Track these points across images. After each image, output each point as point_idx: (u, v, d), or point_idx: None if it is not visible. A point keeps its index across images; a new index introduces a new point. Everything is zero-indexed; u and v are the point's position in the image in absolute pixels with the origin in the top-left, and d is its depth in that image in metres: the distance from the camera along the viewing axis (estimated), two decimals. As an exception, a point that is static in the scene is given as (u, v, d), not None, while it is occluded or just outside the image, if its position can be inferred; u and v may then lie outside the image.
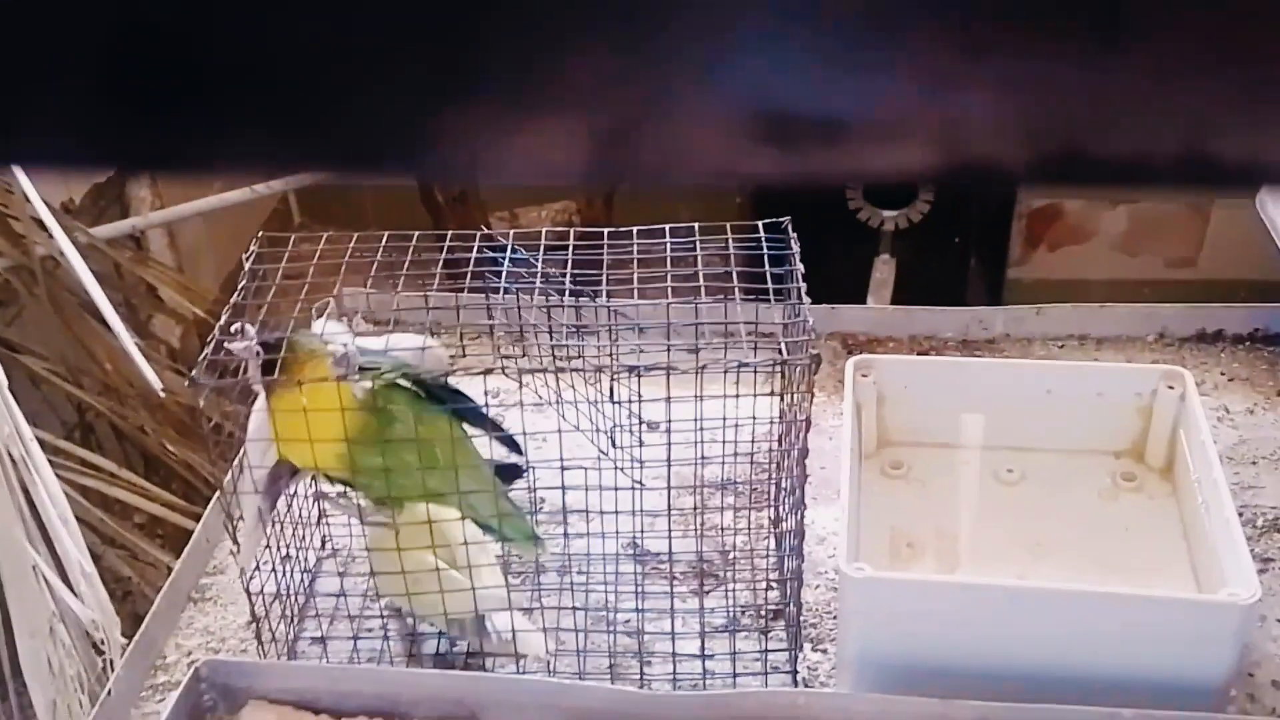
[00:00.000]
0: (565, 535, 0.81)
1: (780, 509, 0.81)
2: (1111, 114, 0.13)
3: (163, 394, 0.78)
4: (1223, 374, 0.98)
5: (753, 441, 0.78)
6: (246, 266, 0.71)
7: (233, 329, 0.64)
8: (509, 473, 0.76)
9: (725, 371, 0.66)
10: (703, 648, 0.76)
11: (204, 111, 0.16)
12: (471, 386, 0.96)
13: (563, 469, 0.71)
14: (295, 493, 0.79)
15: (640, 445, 0.75)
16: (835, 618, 0.79)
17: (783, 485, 0.80)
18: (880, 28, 0.13)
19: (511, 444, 0.75)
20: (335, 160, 0.16)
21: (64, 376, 1.71)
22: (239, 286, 0.70)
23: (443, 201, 2.06)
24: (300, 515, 0.80)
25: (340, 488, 0.73)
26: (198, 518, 0.85)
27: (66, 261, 1.67)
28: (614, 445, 0.77)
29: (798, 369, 0.67)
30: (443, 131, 0.15)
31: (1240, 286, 1.24)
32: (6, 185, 1.62)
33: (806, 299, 0.68)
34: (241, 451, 0.73)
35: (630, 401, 0.72)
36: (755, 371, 0.77)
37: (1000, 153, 0.14)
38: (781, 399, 0.77)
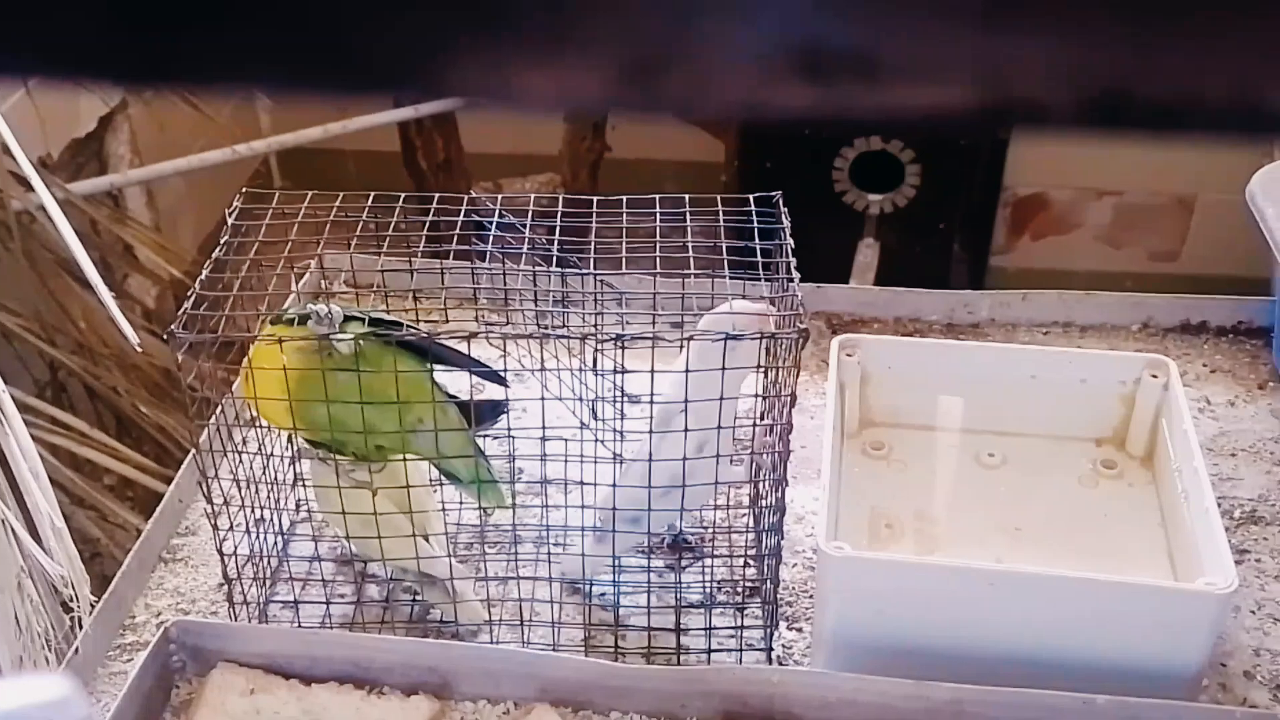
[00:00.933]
0: (544, 506, 0.81)
1: (760, 486, 0.81)
2: (1162, 52, 0.13)
3: (139, 350, 0.77)
4: (1205, 365, 0.98)
5: (735, 417, 0.78)
6: (229, 222, 0.70)
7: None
8: (490, 411, 0.76)
9: (710, 344, 0.65)
10: (678, 622, 0.75)
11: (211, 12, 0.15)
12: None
13: (544, 439, 0.70)
14: (270, 454, 0.78)
15: (621, 417, 0.74)
16: (812, 596, 0.79)
17: (760, 466, 0.79)
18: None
19: (495, 378, 0.74)
20: (356, 78, 0.15)
21: (37, 334, 1.69)
22: (221, 243, 0.69)
23: (426, 168, 2.04)
24: (275, 477, 0.79)
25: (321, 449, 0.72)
26: (169, 480, 0.84)
27: (43, 217, 1.65)
28: (595, 417, 0.77)
29: (784, 344, 0.66)
30: (468, 51, 0.15)
31: (1223, 281, 1.24)
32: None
33: (796, 274, 0.67)
34: (218, 409, 0.72)
35: (613, 373, 0.72)
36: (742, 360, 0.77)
37: (1045, 94, 0.14)
38: (766, 375, 0.77)
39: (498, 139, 2.19)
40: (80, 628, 0.66)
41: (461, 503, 0.81)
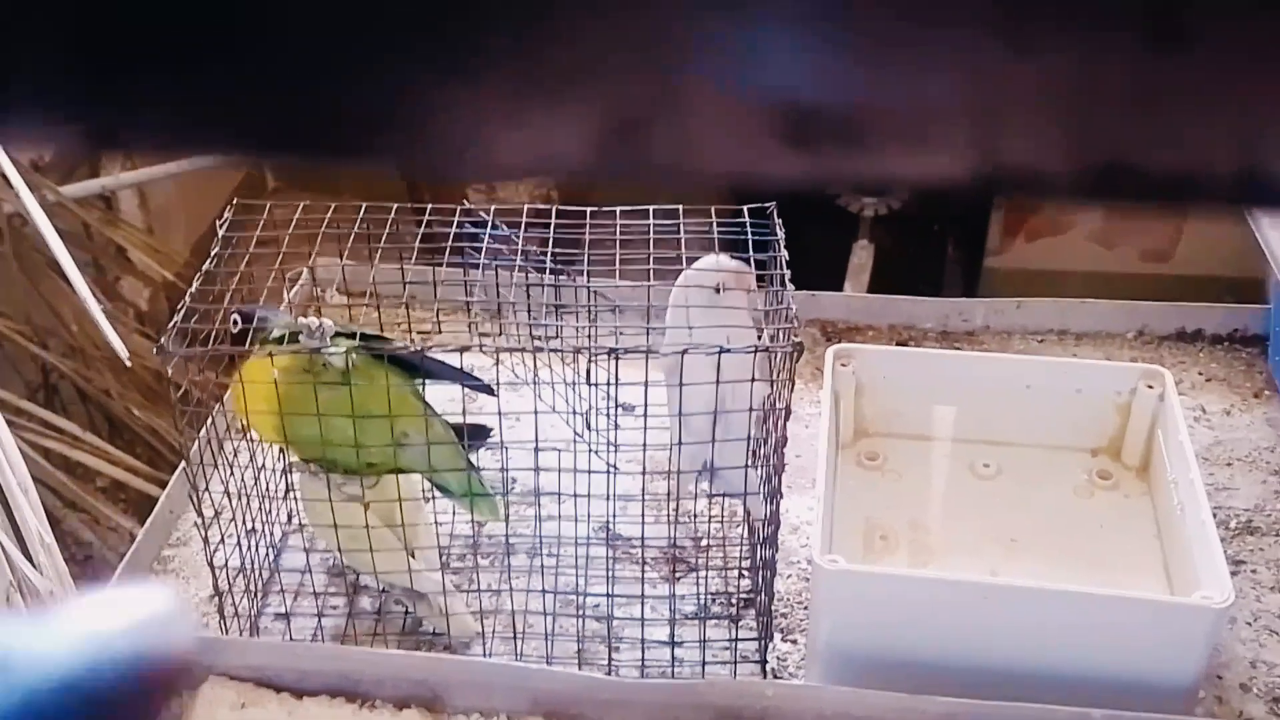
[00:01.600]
0: (537, 517, 0.80)
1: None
2: (1163, 122, 0.12)
3: (128, 362, 0.76)
4: (1200, 374, 0.97)
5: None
6: (220, 233, 0.69)
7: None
8: (476, 434, 0.75)
9: (705, 357, 0.65)
10: (672, 635, 0.75)
11: (169, 79, 0.14)
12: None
13: (536, 450, 0.70)
14: (262, 466, 0.78)
15: (615, 428, 0.74)
16: (806, 608, 0.78)
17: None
18: (915, 19, 0.12)
19: (486, 390, 0.74)
20: (309, 144, 0.15)
21: (29, 336, 1.68)
22: (212, 254, 0.68)
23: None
24: (266, 489, 0.78)
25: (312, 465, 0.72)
26: (162, 484, 0.83)
27: (33, 220, 1.64)
28: (589, 428, 0.76)
29: (779, 356, 0.66)
30: (434, 117, 0.14)
31: (1215, 283, 1.23)
32: (-27, 140, 1.59)
33: (790, 285, 0.67)
34: (209, 421, 0.71)
35: (607, 384, 0.71)
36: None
37: (1042, 162, 0.13)
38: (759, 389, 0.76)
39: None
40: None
41: (454, 514, 0.80)
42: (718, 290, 0.70)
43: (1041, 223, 2.33)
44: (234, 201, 0.71)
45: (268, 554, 0.79)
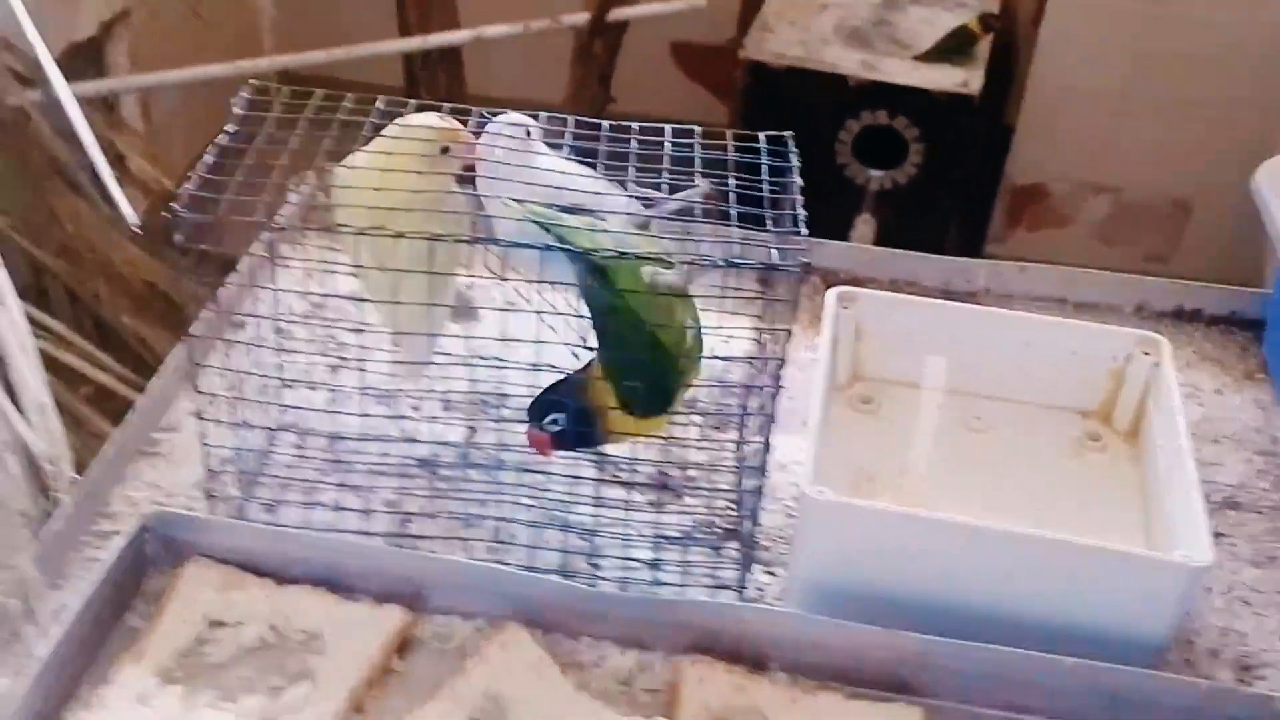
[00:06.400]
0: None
1: (745, 432, 0.81)
2: None
3: (137, 229, 0.76)
4: (1195, 352, 0.98)
5: (726, 361, 0.78)
6: (236, 112, 0.69)
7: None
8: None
9: (712, 269, 0.65)
10: (655, 557, 0.75)
11: None
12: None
13: (535, 368, 0.70)
14: (258, 363, 0.77)
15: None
16: (789, 543, 0.79)
17: (749, 411, 0.79)
18: None
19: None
20: None
21: (23, 234, 1.67)
22: (226, 131, 0.68)
23: (423, 82, 2.02)
24: (264, 384, 0.78)
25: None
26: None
27: (38, 115, 1.63)
28: (586, 347, 0.76)
29: (784, 278, 0.66)
30: None
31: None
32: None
33: (803, 212, 0.67)
34: (213, 300, 0.71)
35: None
36: (738, 289, 0.77)
37: None
38: (761, 317, 0.76)
39: (501, 81, 2.18)
40: (58, 507, 0.66)
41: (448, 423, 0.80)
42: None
43: (1045, 213, 2.34)
44: (249, 81, 0.71)
45: (259, 445, 0.79)
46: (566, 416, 0.70)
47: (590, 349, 0.73)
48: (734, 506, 0.79)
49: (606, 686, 0.68)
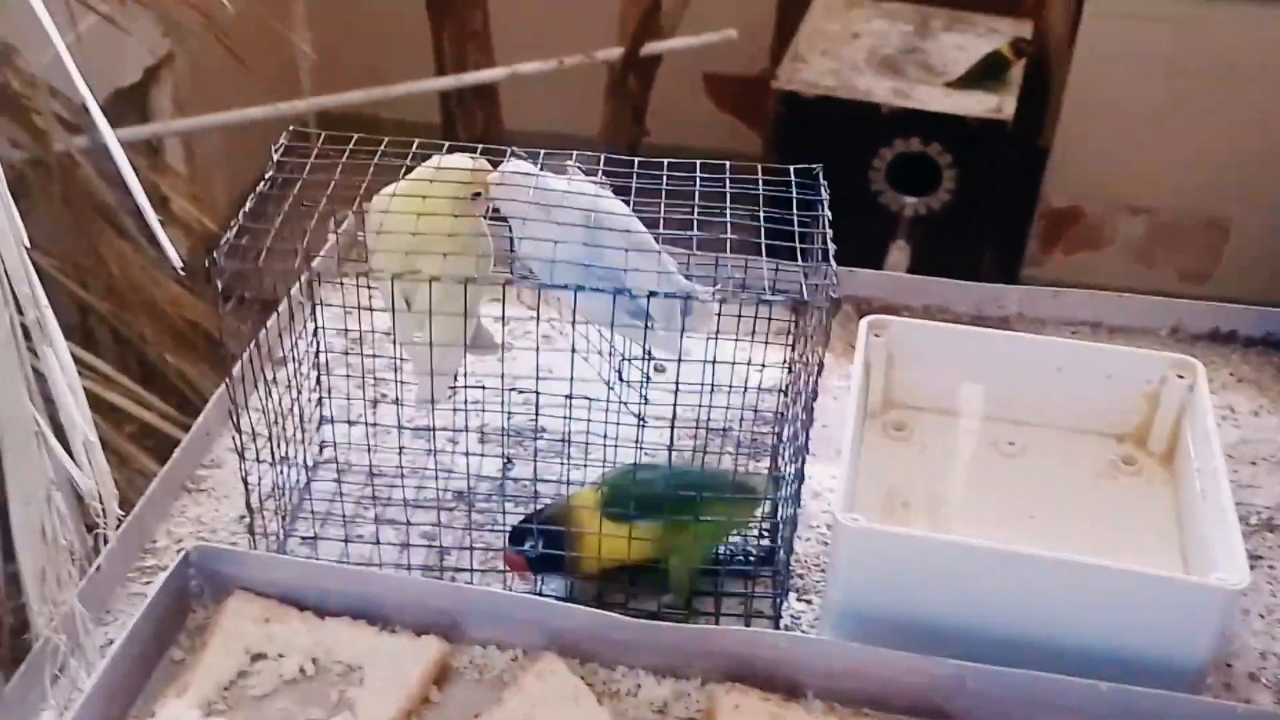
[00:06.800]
0: (564, 464, 0.81)
1: (780, 460, 0.81)
2: None
3: (180, 270, 0.78)
4: (1231, 374, 0.98)
5: (759, 391, 0.78)
6: (275, 158, 0.70)
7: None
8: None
9: (741, 305, 0.66)
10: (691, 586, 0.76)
11: None
12: (489, 308, 0.96)
13: (570, 397, 0.71)
14: (297, 396, 0.79)
15: (646, 381, 0.75)
16: (823, 570, 0.79)
17: (783, 436, 0.80)
18: None
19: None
20: None
21: (70, 275, 1.70)
22: (265, 178, 0.70)
23: (464, 141, 2.05)
24: (301, 419, 0.79)
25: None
26: (189, 429, 0.85)
27: (85, 160, 1.67)
28: (620, 379, 0.77)
29: (815, 312, 0.67)
30: None
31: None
32: (30, 78, 1.62)
33: (832, 245, 0.68)
34: (252, 343, 0.73)
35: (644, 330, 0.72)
36: (770, 319, 0.78)
37: None
38: (793, 349, 0.77)
39: (538, 117, 2.20)
40: (105, 544, 0.67)
41: (483, 456, 0.81)
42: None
43: (1081, 235, 2.33)
44: (289, 129, 0.72)
45: (299, 479, 0.81)
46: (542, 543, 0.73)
47: (623, 380, 0.73)
48: (768, 535, 0.80)
49: (643, 715, 0.68)
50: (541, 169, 0.73)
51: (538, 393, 0.73)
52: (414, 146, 0.73)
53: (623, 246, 0.69)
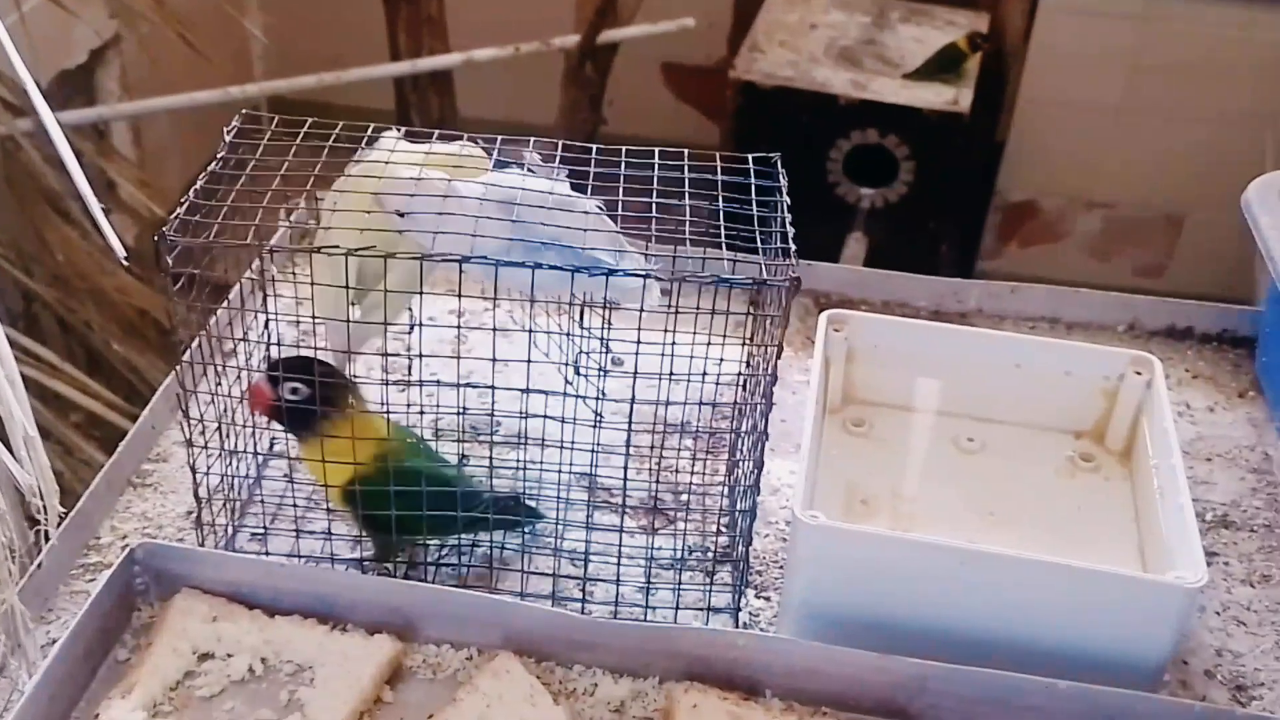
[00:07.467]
0: (520, 461, 0.80)
1: (737, 455, 0.80)
2: None
3: (124, 263, 0.76)
4: (1187, 370, 0.98)
5: (717, 384, 0.77)
6: (227, 139, 0.69)
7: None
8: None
9: (700, 290, 0.65)
10: (648, 582, 0.75)
11: None
12: (440, 302, 0.94)
13: (526, 393, 0.70)
14: (246, 389, 0.77)
15: (603, 375, 0.73)
16: (782, 567, 0.78)
17: (742, 431, 0.79)
18: None
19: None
20: None
21: (13, 262, 1.67)
22: (217, 157, 0.68)
23: (414, 106, 2.03)
24: (250, 416, 0.77)
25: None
26: (137, 419, 0.82)
27: (28, 144, 1.63)
28: (578, 374, 0.76)
29: (775, 291, 0.66)
30: None
31: (1207, 300, 1.24)
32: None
33: (791, 229, 0.67)
34: (205, 325, 0.71)
35: (600, 328, 0.71)
36: (728, 314, 0.76)
37: None
38: (752, 340, 0.76)
39: (493, 104, 2.18)
40: (47, 540, 0.65)
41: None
42: None
43: (1037, 229, 2.35)
44: (241, 111, 0.71)
45: (249, 473, 0.79)
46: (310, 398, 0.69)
47: (581, 375, 0.72)
48: (727, 530, 0.79)
49: (600, 714, 0.67)
50: (498, 156, 0.71)
51: (494, 387, 0.71)
52: (369, 131, 0.72)
53: (571, 226, 0.68)
